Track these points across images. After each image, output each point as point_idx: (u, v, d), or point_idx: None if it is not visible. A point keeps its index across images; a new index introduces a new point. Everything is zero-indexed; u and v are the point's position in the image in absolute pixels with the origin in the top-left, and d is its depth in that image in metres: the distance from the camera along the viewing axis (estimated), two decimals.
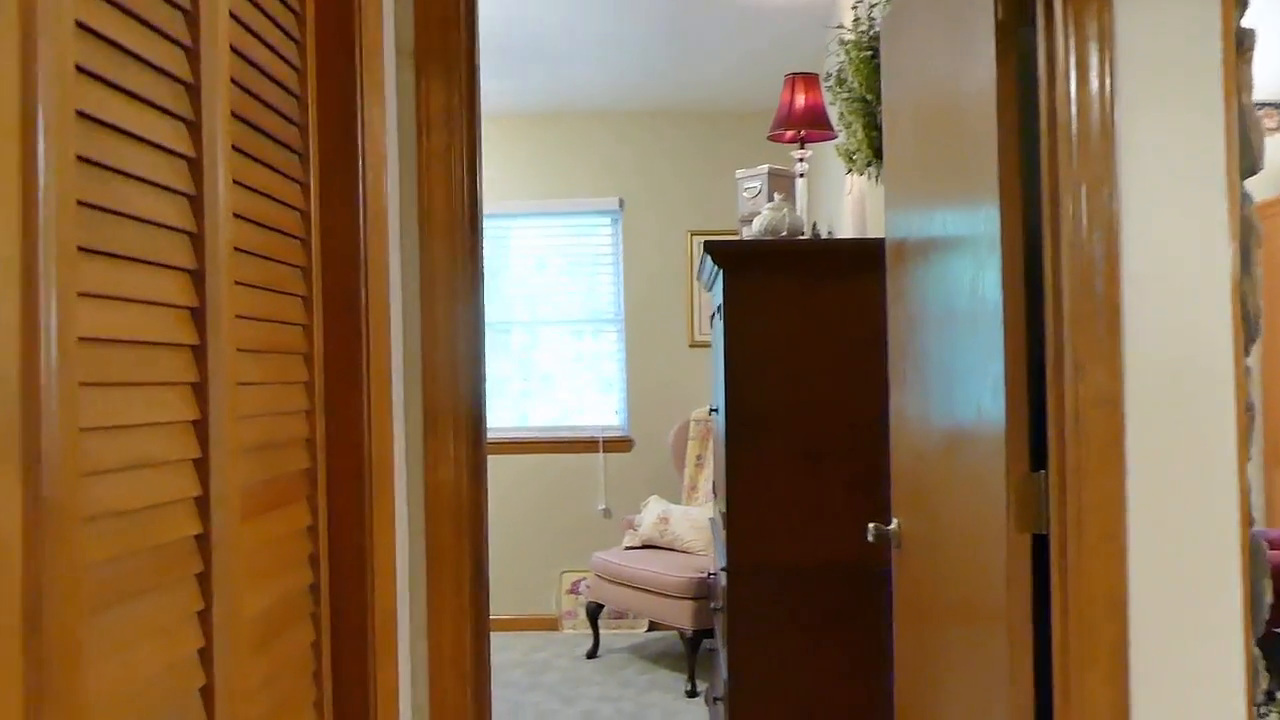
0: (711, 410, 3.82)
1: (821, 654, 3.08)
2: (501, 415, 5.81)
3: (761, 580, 3.13)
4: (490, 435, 5.58)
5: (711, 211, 5.56)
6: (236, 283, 1.12)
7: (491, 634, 5.50)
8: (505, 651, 5.28)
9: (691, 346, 5.69)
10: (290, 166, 1.34)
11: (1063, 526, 1.56)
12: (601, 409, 5.85)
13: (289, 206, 1.34)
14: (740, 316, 3.11)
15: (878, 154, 3.31)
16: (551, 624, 5.70)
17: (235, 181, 1.13)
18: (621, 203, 5.75)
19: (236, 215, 1.13)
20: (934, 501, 2.10)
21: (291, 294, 1.34)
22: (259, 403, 1.23)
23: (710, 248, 3.14)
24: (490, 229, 5.82)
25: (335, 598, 1.39)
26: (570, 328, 5.84)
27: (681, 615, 4.47)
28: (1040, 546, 1.65)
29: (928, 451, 2.15)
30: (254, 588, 1.15)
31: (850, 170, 3.58)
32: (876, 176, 3.44)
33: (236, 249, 1.13)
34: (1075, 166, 1.54)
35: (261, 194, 1.26)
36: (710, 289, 3.84)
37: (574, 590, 5.66)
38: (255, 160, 1.24)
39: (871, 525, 2.38)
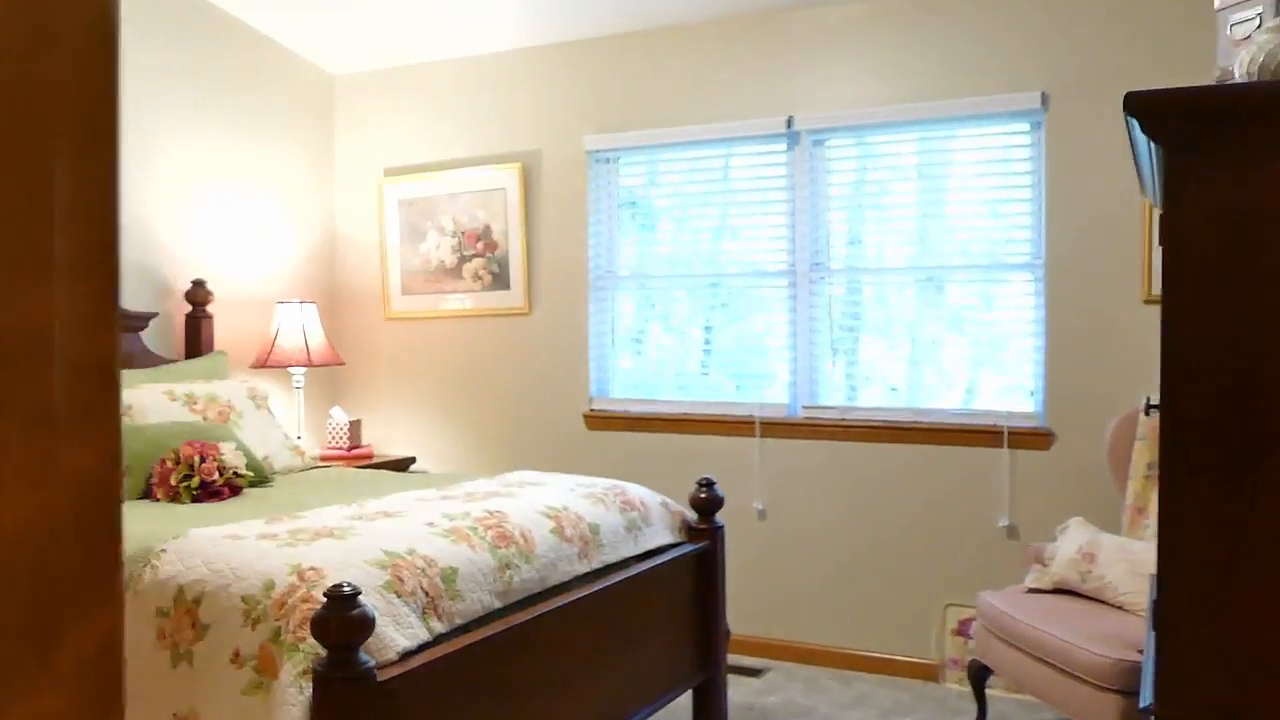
0: (1149, 407, 2.26)
1: None
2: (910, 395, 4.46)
3: None
4: (853, 416, 4.24)
5: None
6: None
7: (850, 675, 4.17)
8: (859, 706, 3.97)
9: (1147, 303, 3.92)
10: None
11: None
12: (1008, 389, 4.28)
13: None
14: (1197, 235, 1.60)
15: None
16: (929, 672, 4.27)
17: None
18: (1045, 98, 4.09)
19: None
20: None
21: None
22: None
23: (1134, 102, 1.64)
24: (863, 145, 4.47)
25: None
26: (970, 276, 4.32)
27: (1100, 713, 2.90)
28: None
29: None
30: None
31: None
32: None
33: None
34: None
35: None
36: (1155, 199, 2.26)
37: (961, 632, 4.19)
38: None
39: None
